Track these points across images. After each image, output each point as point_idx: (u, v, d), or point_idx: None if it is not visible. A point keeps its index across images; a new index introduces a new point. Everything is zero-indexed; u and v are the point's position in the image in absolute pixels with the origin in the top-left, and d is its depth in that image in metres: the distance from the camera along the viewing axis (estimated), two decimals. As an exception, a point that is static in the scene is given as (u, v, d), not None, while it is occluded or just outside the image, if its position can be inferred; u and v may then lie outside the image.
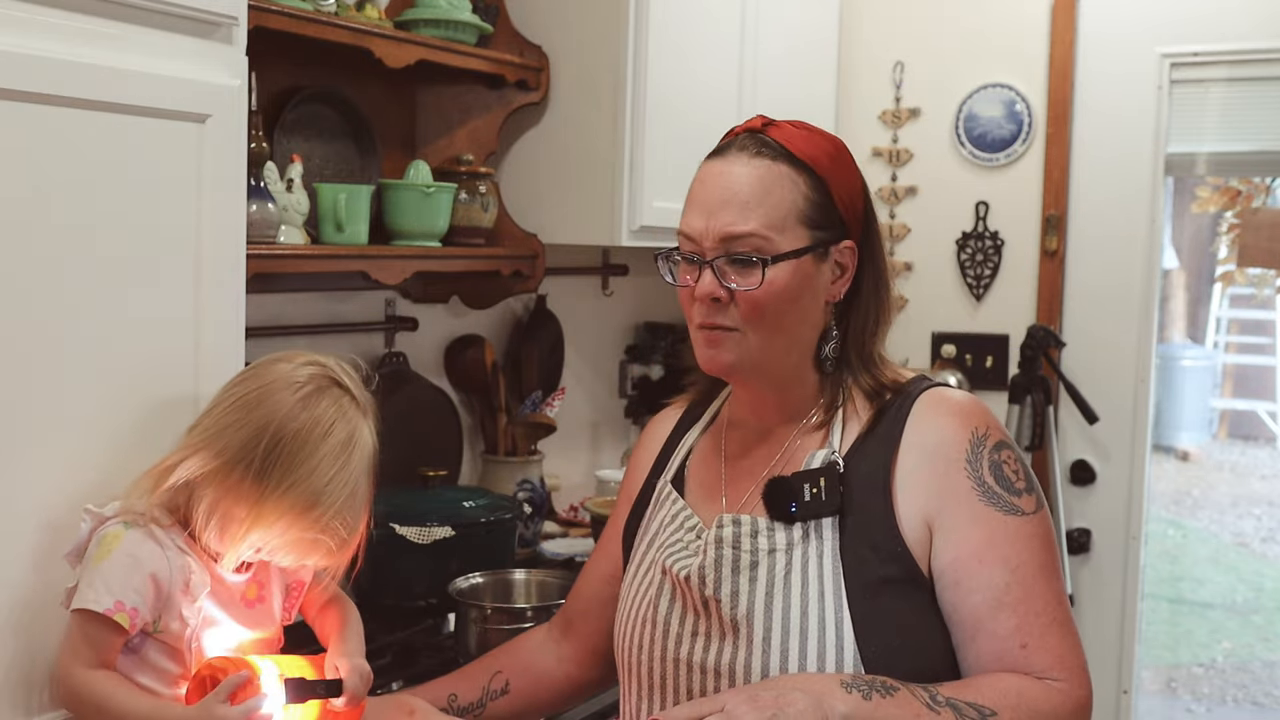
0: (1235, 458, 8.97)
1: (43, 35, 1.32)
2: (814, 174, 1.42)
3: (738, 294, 1.40)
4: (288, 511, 1.31)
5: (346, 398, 1.36)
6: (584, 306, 3.18)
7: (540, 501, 2.75)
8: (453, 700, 1.60)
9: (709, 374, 1.48)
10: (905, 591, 1.36)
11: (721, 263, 1.40)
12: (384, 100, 2.53)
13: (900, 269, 3.61)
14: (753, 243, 1.39)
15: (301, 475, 1.31)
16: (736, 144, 1.44)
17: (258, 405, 1.32)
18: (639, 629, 1.47)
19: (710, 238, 1.40)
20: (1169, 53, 3.31)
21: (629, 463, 1.68)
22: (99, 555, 1.31)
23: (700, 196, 1.43)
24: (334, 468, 1.33)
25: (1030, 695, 1.31)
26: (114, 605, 1.28)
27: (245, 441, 1.31)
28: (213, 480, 1.32)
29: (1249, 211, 4.49)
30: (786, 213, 1.40)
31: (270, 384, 1.34)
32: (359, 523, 1.38)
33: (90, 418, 1.39)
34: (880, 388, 1.47)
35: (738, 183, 1.40)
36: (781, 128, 1.45)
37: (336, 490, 1.33)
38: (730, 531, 1.42)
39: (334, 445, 1.33)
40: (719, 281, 1.40)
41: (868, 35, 3.59)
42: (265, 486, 1.30)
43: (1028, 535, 1.37)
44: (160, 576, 1.32)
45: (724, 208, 1.40)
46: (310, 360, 1.37)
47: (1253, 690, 5.21)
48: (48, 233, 1.34)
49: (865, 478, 1.41)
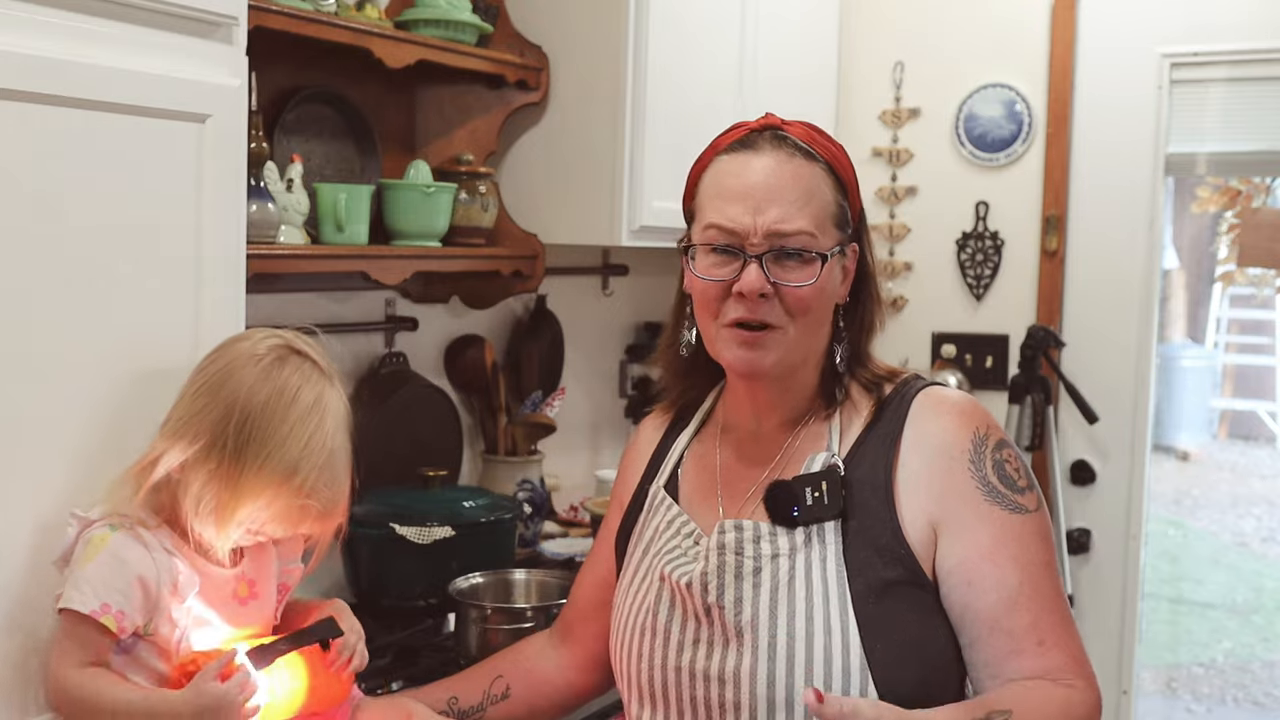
0: (1235, 458, 8.96)
1: (43, 35, 1.32)
2: (837, 176, 1.43)
3: (783, 290, 1.38)
4: (269, 483, 1.32)
5: (308, 364, 1.37)
6: (584, 306, 3.18)
7: (540, 501, 2.75)
8: (453, 703, 1.60)
9: (742, 376, 1.45)
10: (909, 594, 1.36)
11: (782, 256, 1.38)
12: (384, 100, 2.53)
13: (900, 269, 3.61)
14: (802, 240, 1.38)
15: (275, 445, 1.32)
16: (764, 140, 1.42)
17: (222, 385, 1.33)
18: (638, 637, 1.46)
19: (758, 232, 1.38)
20: (1169, 53, 3.31)
21: (619, 469, 1.67)
22: (85, 558, 1.31)
23: (739, 189, 1.40)
24: (306, 432, 1.34)
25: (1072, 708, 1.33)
26: (100, 607, 1.28)
27: (216, 423, 1.32)
28: (193, 468, 1.32)
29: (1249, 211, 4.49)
30: (826, 212, 1.41)
31: (231, 362, 1.35)
32: (343, 484, 1.38)
33: (89, 418, 1.39)
34: (875, 380, 1.47)
35: (784, 179, 1.39)
36: (795, 128, 1.44)
37: (313, 454, 1.34)
38: (732, 537, 1.42)
39: (302, 410, 1.34)
40: (766, 277, 1.38)
41: (868, 35, 3.59)
42: (243, 463, 1.31)
43: (1032, 533, 1.38)
44: (148, 578, 1.32)
45: (772, 202, 1.38)
46: (268, 334, 1.38)
47: (1253, 690, 5.21)
48: (47, 233, 1.34)
49: (866, 480, 1.40)
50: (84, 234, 1.37)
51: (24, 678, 1.35)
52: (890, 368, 1.51)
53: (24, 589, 1.35)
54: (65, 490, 1.37)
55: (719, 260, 1.40)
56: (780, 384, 1.46)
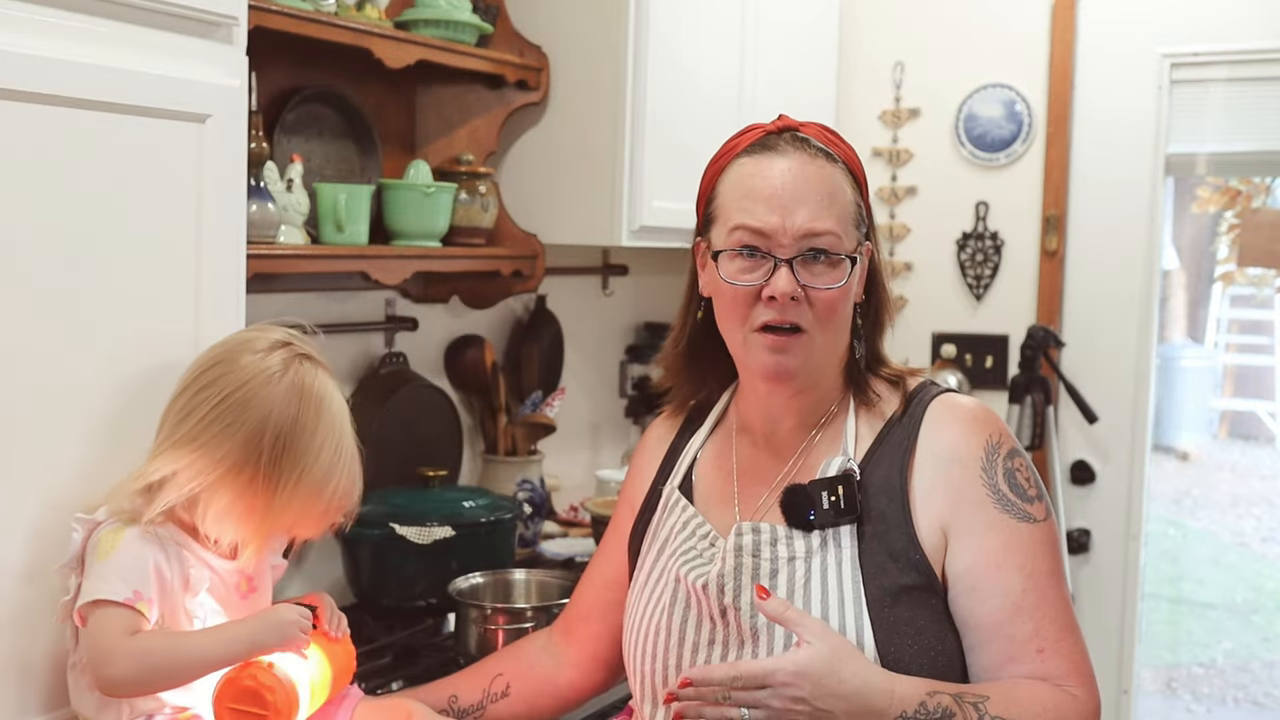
0: (1235, 458, 8.96)
1: (43, 35, 1.32)
2: (854, 177, 1.44)
3: (812, 293, 1.38)
4: (305, 494, 1.35)
5: (319, 369, 1.40)
6: (584, 306, 3.18)
7: (540, 501, 2.75)
8: (453, 701, 1.60)
9: (768, 380, 1.43)
10: (923, 599, 1.37)
11: (814, 258, 1.38)
12: (384, 100, 2.53)
13: (900, 269, 3.61)
14: (830, 241, 1.38)
15: (310, 459, 1.35)
16: (785, 141, 1.42)
17: (247, 404, 1.33)
18: (652, 638, 1.46)
19: (789, 234, 1.37)
20: (1169, 53, 3.31)
21: (630, 468, 1.66)
22: (103, 553, 1.31)
23: (766, 190, 1.39)
24: (334, 441, 1.37)
25: (1062, 707, 1.32)
26: (133, 594, 1.29)
27: (247, 441, 1.33)
28: (221, 486, 1.33)
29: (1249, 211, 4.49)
30: (848, 213, 1.41)
31: (251, 380, 1.35)
32: (360, 478, 1.43)
33: (90, 418, 1.39)
34: (895, 377, 1.48)
35: (811, 181, 1.39)
36: (811, 129, 1.45)
37: (342, 462, 1.38)
38: (750, 540, 1.42)
39: (329, 421, 1.37)
40: (796, 280, 1.37)
41: (868, 35, 3.59)
42: (279, 479, 1.33)
43: (1040, 542, 1.38)
44: (164, 571, 1.33)
45: (801, 204, 1.37)
46: (271, 342, 1.39)
47: (1253, 690, 5.21)
48: (47, 233, 1.34)
49: (882, 485, 1.41)
50: (84, 234, 1.37)
51: (22, 679, 1.35)
52: (900, 368, 1.52)
53: (21, 595, 1.35)
54: (66, 491, 1.37)
55: (747, 264, 1.39)
56: (811, 387, 1.46)
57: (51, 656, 1.38)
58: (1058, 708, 1.32)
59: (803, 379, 1.43)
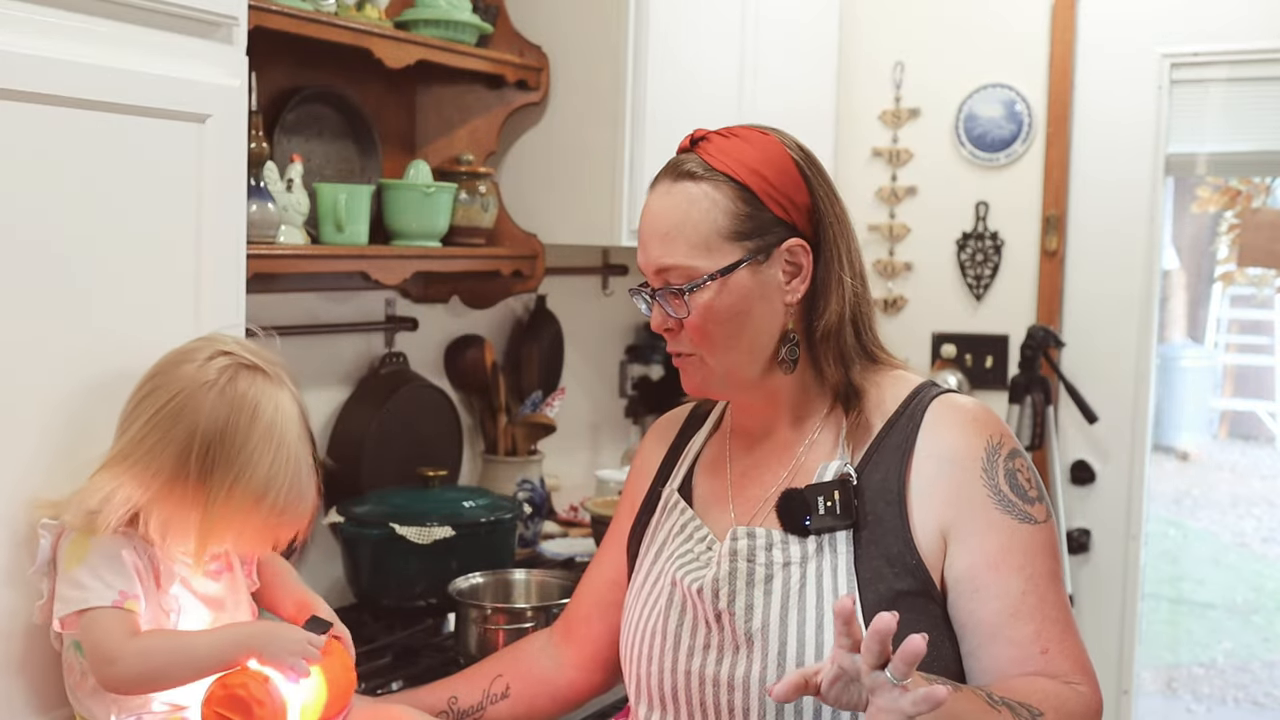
0: (1235, 458, 8.95)
1: (43, 35, 1.32)
2: (737, 184, 1.40)
3: (683, 321, 1.42)
4: (240, 508, 1.32)
5: (259, 376, 1.35)
6: (584, 306, 3.18)
7: (540, 501, 2.75)
8: (453, 702, 1.60)
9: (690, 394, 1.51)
10: (919, 604, 1.36)
11: (663, 294, 1.43)
12: (384, 100, 2.53)
13: (900, 269, 3.61)
14: (680, 272, 1.41)
15: (242, 469, 1.31)
16: (663, 172, 1.46)
17: (178, 416, 1.31)
18: (648, 641, 1.46)
19: (649, 270, 1.45)
20: (1169, 53, 3.31)
21: (632, 467, 1.66)
22: (74, 558, 1.30)
23: (639, 230, 1.47)
24: (270, 450, 1.33)
25: (1065, 698, 1.32)
26: (119, 595, 1.29)
27: (178, 455, 1.30)
28: (159, 500, 1.31)
29: (1249, 211, 4.49)
30: (708, 233, 1.40)
31: (183, 390, 1.32)
32: (310, 493, 1.38)
33: (90, 418, 1.39)
34: (893, 372, 1.48)
35: (659, 214, 1.43)
36: (710, 141, 1.44)
37: (281, 471, 1.33)
38: (745, 544, 1.42)
39: (263, 429, 1.32)
40: (666, 312, 1.43)
41: (868, 35, 3.59)
42: (211, 490, 1.31)
43: (1040, 543, 1.38)
44: (139, 567, 1.33)
45: (650, 241, 1.44)
46: (212, 352, 1.35)
47: (1253, 690, 5.21)
48: (47, 233, 1.34)
49: (879, 489, 1.40)
50: (84, 234, 1.37)
51: (21, 679, 1.35)
52: (896, 361, 1.51)
53: (12, 591, 1.34)
54: (65, 493, 1.36)
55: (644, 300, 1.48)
56: (753, 393, 1.47)
57: (41, 656, 1.37)
58: (1060, 695, 1.32)
59: (719, 390, 1.48)
